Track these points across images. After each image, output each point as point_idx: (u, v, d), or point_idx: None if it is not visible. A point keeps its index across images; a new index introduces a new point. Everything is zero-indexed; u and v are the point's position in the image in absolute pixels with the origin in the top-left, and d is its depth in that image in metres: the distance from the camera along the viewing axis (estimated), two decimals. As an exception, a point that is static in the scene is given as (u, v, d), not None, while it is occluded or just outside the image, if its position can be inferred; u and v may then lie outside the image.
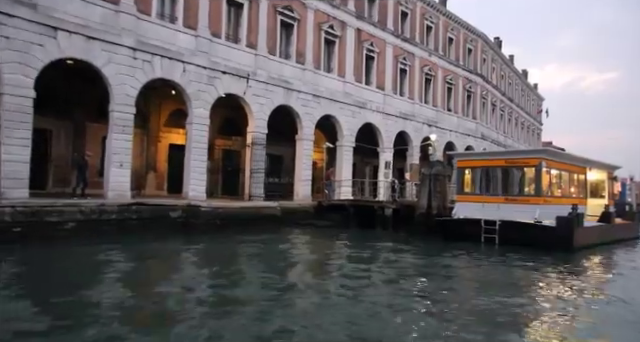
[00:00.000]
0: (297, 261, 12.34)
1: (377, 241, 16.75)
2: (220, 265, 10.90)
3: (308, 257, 13.14)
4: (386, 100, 28.12)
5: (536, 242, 14.72)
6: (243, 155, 24.53)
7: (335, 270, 10.79)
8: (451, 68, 34.55)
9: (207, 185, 23.43)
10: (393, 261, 12.38)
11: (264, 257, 12.49)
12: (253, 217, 17.63)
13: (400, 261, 12.45)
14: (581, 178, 18.77)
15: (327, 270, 10.86)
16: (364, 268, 10.96)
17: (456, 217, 17.09)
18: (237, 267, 11.17)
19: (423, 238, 17.23)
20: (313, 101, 23.07)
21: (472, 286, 9.73)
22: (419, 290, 9.00)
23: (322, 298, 7.94)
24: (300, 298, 7.88)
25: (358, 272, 10.38)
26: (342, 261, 12.35)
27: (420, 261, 12.63)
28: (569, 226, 14.57)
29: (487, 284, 9.69)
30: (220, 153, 23.69)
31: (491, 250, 15.21)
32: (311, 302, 7.60)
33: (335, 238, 17.24)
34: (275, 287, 8.57)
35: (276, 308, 7.02)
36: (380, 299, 7.94)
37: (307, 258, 12.95)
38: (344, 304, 7.55)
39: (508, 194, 16.26)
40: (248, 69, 19.88)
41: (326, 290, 8.61)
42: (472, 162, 17.19)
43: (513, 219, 15.49)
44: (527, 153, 15.74)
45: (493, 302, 7.97)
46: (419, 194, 18.61)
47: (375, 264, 11.93)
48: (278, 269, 10.66)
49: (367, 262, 12.00)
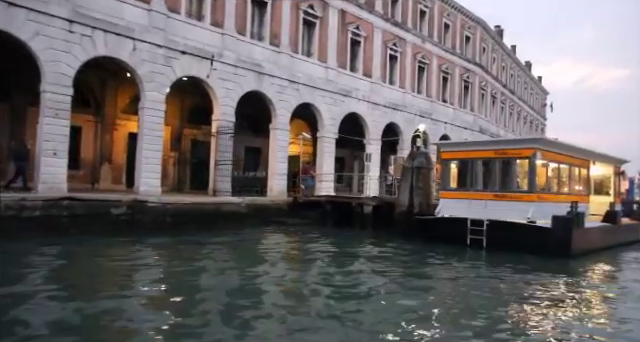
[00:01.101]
0: (228, 280, 8.70)
1: (350, 244, 14.76)
2: (126, 281, 8.93)
3: (251, 269, 9.77)
4: (374, 88, 26.05)
5: (529, 246, 12.72)
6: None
7: (272, 291, 8.37)
8: (447, 56, 32.39)
9: (175, 179, 21.64)
10: (355, 273, 10.28)
11: (196, 270, 10.34)
12: (211, 215, 15.68)
13: (363, 273, 10.36)
14: (583, 172, 16.67)
15: (258, 290, 8.45)
16: (311, 289, 8.37)
17: (439, 216, 15.08)
18: (142, 288, 7.91)
19: (403, 240, 15.25)
20: (289, 87, 21.06)
21: (442, 316, 7.54)
22: (373, 323, 6.74)
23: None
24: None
25: (300, 299, 7.63)
26: (289, 275, 10.23)
27: (388, 272, 10.56)
28: (567, 227, 12.53)
29: (461, 312, 7.52)
30: (189, 144, 21.76)
31: (477, 255, 13.23)
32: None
33: (303, 240, 15.26)
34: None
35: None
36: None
37: (248, 272, 9.53)
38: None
39: (498, 190, 14.22)
40: (213, 50, 17.89)
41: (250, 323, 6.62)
42: (458, 153, 15.14)
43: (503, 219, 13.50)
44: (519, 143, 13.71)
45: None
46: (400, 190, 16.59)
47: (333, 279, 9.85)
48: (194, 290, 7.70)
49: (323, 277, 9.95)
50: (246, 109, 21.90)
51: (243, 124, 23.80)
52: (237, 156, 23.74)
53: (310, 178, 21.14)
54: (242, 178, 22.79)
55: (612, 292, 9.18)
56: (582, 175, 16.68)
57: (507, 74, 44.57)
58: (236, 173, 22.97)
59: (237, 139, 24.27)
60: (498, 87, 41.26)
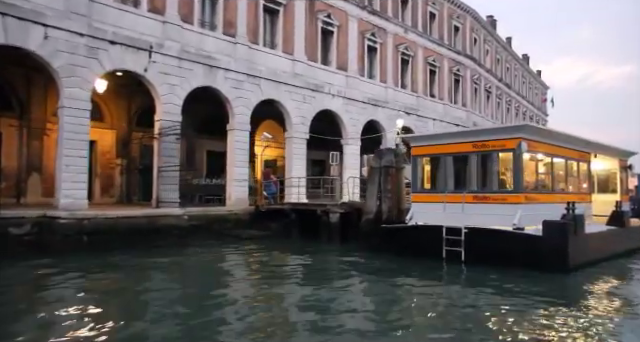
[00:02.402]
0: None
1: (311, 261, 12.40)
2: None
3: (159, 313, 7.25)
4: (350, 83, 23.67)
5: (517, 258, 10.29)
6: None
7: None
8: (434, 48, 29.99)
9: (122, 189, 19.32)
10: (303, 308, 7.89)
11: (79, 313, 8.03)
12: (143, 230, 13.29)
13: (308, 307, 7.98)
14: (583, 167, 14.18)
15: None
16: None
17: (410, 224, 12.63)
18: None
19: (371, 253, 12.85)
20: (248, 82, 18.73)
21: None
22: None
23: None
24: None
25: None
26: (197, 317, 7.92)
27: (339, 301, 8.14)
28: (562, 235, 10.05)
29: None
30: (138, 149, 19.44)
31: (453, 273, 10.80)
32: None
33: (248, 260, 12.87)
34: None
35: None
36: None
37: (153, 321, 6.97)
38: None
39: (477, 190, 11.77)
40: (151, 40, 15.61)
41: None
42: (429, 148, 12.70)
43: (484, 225, 11.06)
44: (501, 132, 11.28)
45: None
46: (366, 194, 14.16)
47: (252, 318, 7.48)
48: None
49: (262, 315, 7.56)
50: (207, 109, 19.65)
51: (204, 126, 21.58)
52: (194, 161, 21.49)
53: (273, 184, 18.75)
54: (202, 186, 20.55)
55: (628, 330, 6.64)
56: (582, 170, 14.19)
57: (502, 67, 42.09)
58: (196, 181, 20.75)
59: (198, 143, 22.15)
60: (493, 81, 38.78)
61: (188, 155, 21.42)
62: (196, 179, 21.00)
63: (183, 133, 21.16)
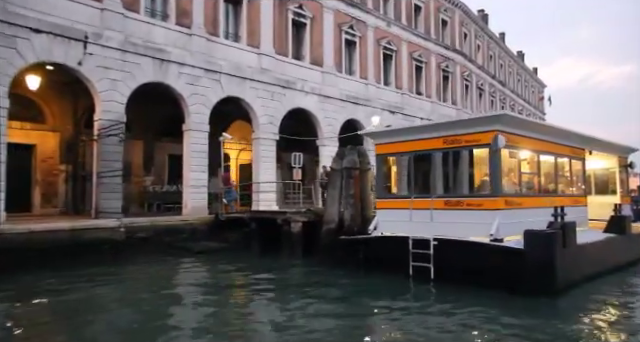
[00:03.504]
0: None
1: (261, 280, 10.57)
2: None
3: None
4: (326, 79, 21.90)
5: (495, 277, 8.44)
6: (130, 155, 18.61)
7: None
8: (420, 42, 28.23)
9: (68, 198, 17.50)
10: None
11: None
12: (65, 246, 11.42)
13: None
14: (576, 165, 12.34)
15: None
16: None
17: (374, 235, 10.79)
18: None
19: (332, 270, 11.04)
20: (206, 78, 16.95)
21: None
22: None
23: None
24: None
25: None
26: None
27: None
28: (547, 248, 8.20)
29: None
30: (86, 153, 17.60)
31: (420, 294, 8.98)
32: None
33: (191, 280, 10.98)
34: None
35: None
36: None
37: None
38: None
39: (448, 194, 9.92)
40: (87, 29, 13.85)
41: None
42: (395, 146, 10.84)
43: (457, 236, 9.23)
44: (474, 124, 9.42)
45: None
46: (327, 200, 12.32)
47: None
48: None
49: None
50: (168, 109, 17.80)
51: (165, 127, 19.79)
52: (152, 166, 19.64)
53: (234, 189, 16.92)
54: (161, 193, 18.79)
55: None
56: (575, 169, 12.34)
57: (496, 64, 40.32)
58: (155, 187, 18.99)
59: (158, 146, 20.35)
60: (485, 78, 36.98)
61: (146, 159, 19.65)
62: (156, 186, 19.26)
63: (141, 136, 19.54)
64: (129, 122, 19.13)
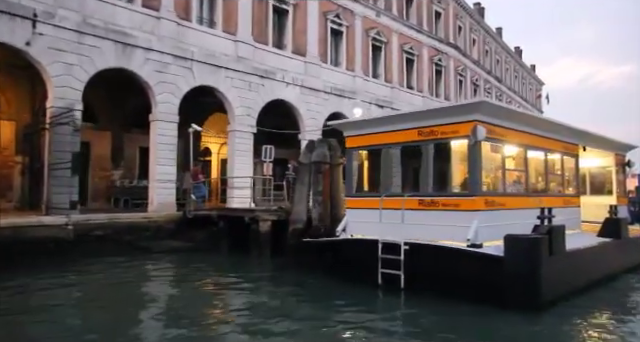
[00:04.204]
0: None
1: (219, 285, 9.45)
2: None
3: None
4: (309, 70, 20.75)
5: (472, 288, 7.37)
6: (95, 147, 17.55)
7: None
8: (411, 34, 27.07)
9: (24, 192, 16.34)
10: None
11: None
12: (4, 246, 10.26)
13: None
14: (569, 162, 11.24)
15: None
16: None
17: (341, 237, 9.69)
18: None
19: (298, 274, 10.02)
20: (176, 65, 15.80)
21: None
22: None
23: None
24: None
25: None
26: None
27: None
28: (531, 256, 7.10)
29: None
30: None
31: (387, 307, 7.93)
32: None
33: (139, 286, 9.87)
34: None
35: None
36: None
37: None
38: None
39: (423, 193, 8.81)
40: (37, 7, 12.68)
41: None
42: (367, 138, 9.70)
43: (431, 240, 8.15)
44: (452, 113, 8.27)
45: None
46: (294, 197, 11.21)
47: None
48: None
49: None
50: (140, 98, 16.64)
51: (136, 118, 18.60)
52: (121, 159, 18.46)
53: (203, 185, 15.79)
54: (129, 188, 17.63)
55: None
56: (567, 166, 11.25)
57: (492, 59, 39.18)
58: (122, 182, 17.86)
59: (128, 137, 19.19)
60: (481, 73, 35.86)
61: (114, 152, 18.50)
62: (124, 180, 18.12)
63: (108, 126, 18.39)
64: (94, 111, 18.11)
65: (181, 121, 15.83)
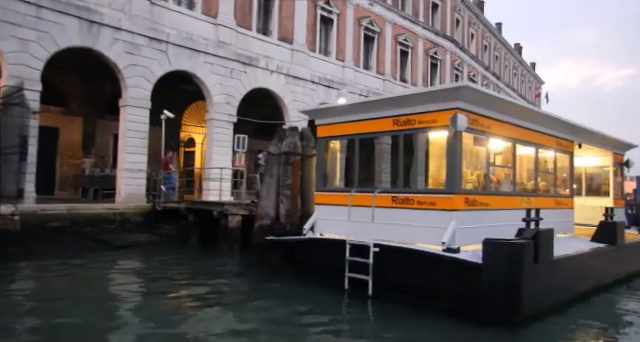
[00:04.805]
0: None
1: (176, 286, 8.54)
2: None
3: None
4: (296, 58, 19.77)
5: (445, 298, 6.50)
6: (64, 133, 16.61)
7: None
8: (406, 25, 26.06)
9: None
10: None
11: None
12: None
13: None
14: (562, 159, 10.34)
15: None
16: None
17: (308, 235, 8.78)
18: None
19: (262, 275, 9.16)
20: (149, 47, 14.80)
21: None
22: None
23: None
24: None
25: None
26: None
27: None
28: (512, 264, 6.19)
29: None
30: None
31: (352, 316, 7.05)
32: None
33: (71, 292, 8.93)
34: None
35: None
36: None
37: None
38: None
39: (396, 189, 7.90)
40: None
41: None
42: (340, 127, 8.76)
43: (403, 243, 7.27)
44: (430, 100, 7.32)
45: None
46: (261, 190, 10.28)
47: None
48: None
49: None
50: (115, 83, 15.61)
51: (111, 103, 17.59)
52: (93, 147, 17.47)
53: (174, 175, 14.86)
54: (100, 177, 16.70)
55: None
56: (560, 164, 10.34)
57: (491, 55, 38.18)
58: (93, 171, 16.92)
59: (101, 124, 18.23)
60: (478, 69, 34.88)
61: (86, 139, 17.52)
62: (95, 169, 17.17)
63: (80, 111, 17.42)
64: (65, 95, 17.14)
65: (160, 108, 14.90)
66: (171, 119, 16.07)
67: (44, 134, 16.14)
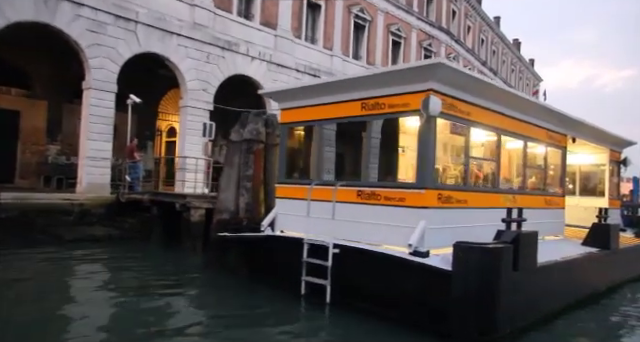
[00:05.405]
0: None
1: (92, 298, 7.55)
2: None
3: None
4: (279, 45, 18.74)
5: (412, 309, 5.60)
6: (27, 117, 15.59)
7: None
8: (399, 14, 25.03)
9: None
10: None
11: None
12: None
13: None
14: (554, 154, 9.40)
15: None
16: None
17: (267, 232, 7.83)
18: None
19: (220, 278, 8.21)
20: (116, 26, 13.77)
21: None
22: None
23: None
24: None
25: None
26: None
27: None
28: (486, 272, 5.26)
29: None
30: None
31: (304, 327, 6.13)
32: None
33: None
34: None
35: None
36: None
37: None
38: None
39: (360, 183, 6.96)
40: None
41: None
42: (303, 112, 7.78)
43: (369, 244, 6.36)
44: (401, 80, 6.37)
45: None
46: (221, 182, 9.32)
47: None
48: None
49: None
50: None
51: (81, 87, 16.59)
52: (59, 133, 16.38)
53: (140, 164, 13.86)
54: (63, 166, 15.71)
55: None
56: (552, 159, 9.41)
57: (488, 50, 37.18)
58: (52, 158, 15.93)
59: (69, 109, 17.16)
60: (474, 63, 33.87)
61: (51, 124, 16.47)
62: (60, 156, 16.16)
63: (44, 95, 16.38)
64: (29, 77, 16.10)
65: (136, 94, 13.91)
66: (146, 106, 15.13)
67: (2, 117, 15.24)
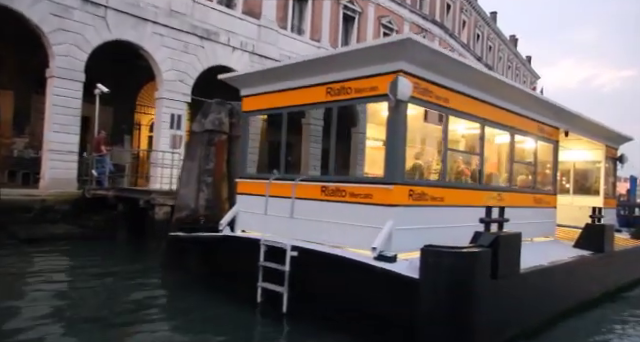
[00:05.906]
0: None
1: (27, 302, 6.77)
2: None
3: None
4: (263, 35, 17.95)
5: (376, 321, 4.84)
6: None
7: None
8: (391, 6, 24.24)
9: None
10: None
11: None
12: None
13: None
14: (544, 149, 8.65)
15: None
16: None
17: (225, 232, 7.06)
18: None
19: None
20: (83, 11, 12.97)
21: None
22: None
23: None
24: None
25: None
26: None
27: None
28: (459, 280, 4.50)
29: None
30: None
31: (250, 336, 5.34)
32: None
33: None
34: None
35: None
36: None
37: None
38: None
39: (323, 178, 6.21)
40: None
41: None
42: (266, 99, 7.01)
43: (331, 246, 5.61)
44: (368, 60, 5.59)
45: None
46: (181, 176, 8.55)
47: None
48: None
49: None
50: None
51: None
52: (26, 126, 15.56)
53: (107, 158, 13.06)
54: (29, 159, 14.93)
55: None
56: (542, 154, 8.66)
57: (483, 45, 36.43)
58: (17, 152, 15.13)
59: (38, 100, 16.13)
60: (469, 58, 33.10)
61: (18, 116, 15.63)
62: (26, 150, 15.34)
63: (11, 85, 15.54)
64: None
65: (111, 85, 13.16)
66: (122, 98, 14.38)
67: None
